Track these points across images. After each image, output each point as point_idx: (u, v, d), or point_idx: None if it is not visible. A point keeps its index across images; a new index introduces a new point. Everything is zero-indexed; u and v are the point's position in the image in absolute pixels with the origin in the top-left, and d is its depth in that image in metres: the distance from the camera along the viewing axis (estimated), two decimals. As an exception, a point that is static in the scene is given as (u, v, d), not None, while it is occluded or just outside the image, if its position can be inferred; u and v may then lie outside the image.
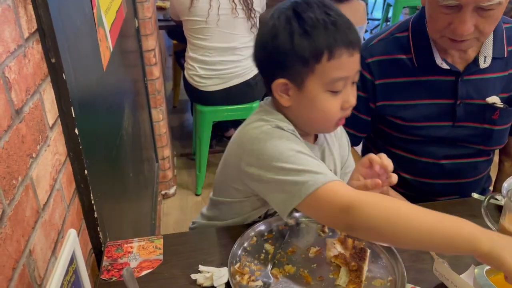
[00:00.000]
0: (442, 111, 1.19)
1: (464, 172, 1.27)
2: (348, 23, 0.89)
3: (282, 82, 0.90)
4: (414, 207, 0.79)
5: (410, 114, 1.20)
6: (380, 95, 1.21)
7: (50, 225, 0.81)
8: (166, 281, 0.89)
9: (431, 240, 0.75)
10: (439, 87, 1.18)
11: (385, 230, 0.76)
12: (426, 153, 1.24)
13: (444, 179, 1.27)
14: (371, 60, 1.20)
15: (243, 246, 0.94)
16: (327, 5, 0.89)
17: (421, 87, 1.18)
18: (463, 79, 1.16)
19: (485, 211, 1.00)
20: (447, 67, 1.15)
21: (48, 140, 0.82)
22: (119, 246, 0.99)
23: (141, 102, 2.17)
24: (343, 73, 0.88)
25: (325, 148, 1.06)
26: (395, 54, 1.19)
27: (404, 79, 1.19)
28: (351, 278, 0.87)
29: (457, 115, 1.19)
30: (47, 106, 0.83)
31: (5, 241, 0.63)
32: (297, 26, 0.86)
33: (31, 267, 0.72)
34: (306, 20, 0.86)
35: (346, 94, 0.91)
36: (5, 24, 0.67)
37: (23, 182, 0.71)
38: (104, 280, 0.89)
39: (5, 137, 0.65)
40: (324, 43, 0.85)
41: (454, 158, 1.24)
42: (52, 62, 0.83)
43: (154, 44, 2.38)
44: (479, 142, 1.22)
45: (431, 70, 1.17)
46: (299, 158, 0.84)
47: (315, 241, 0.98)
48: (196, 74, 2.50)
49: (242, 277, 0.86)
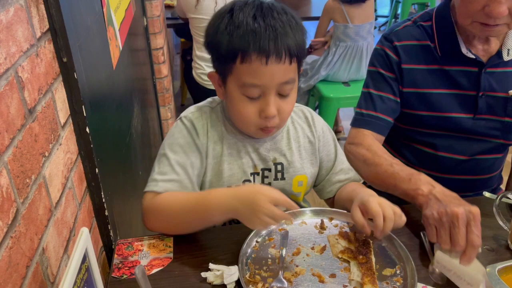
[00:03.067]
0: (463, 102, 1.19)
1: (479, 168, 1.26)
2: (274, 26, 0.86)
3: (213, 74, 0.97)
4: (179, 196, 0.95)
5: (432, 103, 1.20)
6: (406, 80, 1.21)
7: (62, 223, 0.82)
8: (177, 279, 0.89)
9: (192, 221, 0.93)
10: (462, 77, 1.18)
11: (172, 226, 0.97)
12: (444, 147, 1.24)
13: (458, 174, 1.26)
14: (398, 43, 1.21)
15: (247, 254, 0.92)
16: (265, 6, 0.89)
17: (443, 77, 1.19)
18: (486, 71, 1.16)
19: (496, 210, 0.99)
20: (472, 56, 1.14)
21: (60, 139, 0.83)
22: (130, 244, 0.99)
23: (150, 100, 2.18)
24: (255, 80, 0.89)
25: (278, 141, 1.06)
26: (421, 40, 1.20)
27: (428, 66, 1.20)
28: (364, 271, 0.87)
29: (479, 107, 1.18)
30: (59, 105, 0.83)
31: (19, 239, 0.64)
32: (224, 23, 0.89)
33: (44, 265, 0.73)
34: (234, 19, 0.88)
35: (265, 103, 0.91)
36: (18, 24, 0.68)
37: (36, 180, 0.71)
38: (115, 278, 0.90)
39: (18, 136, 0.66)
40: (238, 45, 0.87)
41: (472, 153, 1.24)
42: (64, 61, 0.83)
43: (163, 42, 2.38)
44: (499, 136, 1.22)
45: (455, 59, 1.17)
46: (160, 160, 1.00)
47: (316, 239, 0.98)
48: (203, 72, 2.50)
49: (256, 286, 0.85)
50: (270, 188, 0.87)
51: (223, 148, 1.02)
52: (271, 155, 1.05)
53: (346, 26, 2.77)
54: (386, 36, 1.25)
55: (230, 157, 1.02)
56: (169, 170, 0.98)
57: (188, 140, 1.00)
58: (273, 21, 0.87)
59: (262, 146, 1.04)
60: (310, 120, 1.11)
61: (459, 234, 0.85)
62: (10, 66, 0.64)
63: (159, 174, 0.98)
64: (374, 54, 1.27)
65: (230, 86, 0.93)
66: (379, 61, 1.24)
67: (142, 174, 1.65)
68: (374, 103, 1.22)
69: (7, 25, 0.64)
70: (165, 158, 0.99)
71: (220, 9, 0.94)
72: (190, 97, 3.64)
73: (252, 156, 1.04)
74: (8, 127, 0.63)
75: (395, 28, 1.24)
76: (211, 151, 1.02)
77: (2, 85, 0.62)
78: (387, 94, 1.22)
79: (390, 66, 1.22)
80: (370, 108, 1.22)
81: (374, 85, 1.24)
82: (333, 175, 1.12)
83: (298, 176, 1.07)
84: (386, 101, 1.22)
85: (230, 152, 1.02)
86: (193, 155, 1.00)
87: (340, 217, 1.03)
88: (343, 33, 2.80)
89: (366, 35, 2.83)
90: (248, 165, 1.04)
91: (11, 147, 0.63)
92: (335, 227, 1.01)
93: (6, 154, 0.62)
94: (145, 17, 2.17)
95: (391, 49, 1.22)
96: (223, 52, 0.89)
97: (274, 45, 0.86)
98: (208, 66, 2.48)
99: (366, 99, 1.25)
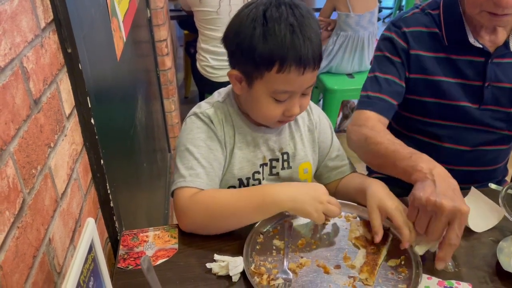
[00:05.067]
0: (469, 92, 1.18)
1: (484, 160, 1.26)
2: (310, 37, 0.88)
3: (236, 74, 0.95)
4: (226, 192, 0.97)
5: (438, 90, 1.19)
6: (414, 66, 1.20)
7: (68, 214, 0.82)
8: (182, 269, 0.90)
9: (244, 216, 0.93)
10: (468, 67, 1.17)
11: (210, 226, 0.95)
12: (449, 137, 1.23)
13: (463, 166, 1.26)
14: (407, 29, 1.20)
15: (251, 246, 0.93)
16: (297, 13, 0.89)
17: (449, 65, 1.18)
18: (492, 61, 1.16)
19: (502, 202, 0.99)
20: (479, 46, 1.14)
21: (65, 130, 0.83)
22: (135, 235, 1.00)
23: (154, 92, 2.18)
24: (289, 88, 0.91)
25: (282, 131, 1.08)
26: (429, 27, 1.20)
27: (435, 54, 1.19)
28: (367, 260, 0.88)
29: (484, 98, 1.18)
30: (64, 96, 0.83)
31: (25, 229, 0.64)
32: (259, 30, 0.88)
33: (50, 255, 0.73)
34: (270, 26, 0.87)
35: (291, 104, 0.95)
36: (22, 14, 0.68)
37: (42, 171, 0.71)
38: (120, 269, 0.90)
39: (24, 126, 0.66)
40: (278, 55, 0.87)
41: (477, 144, 1.23)
42: (68, 52, 0.83)
43: (166, 34, 2.37)
44: (504, 127, 1.21)
45: (461, 48, 1.16)
46: (183, 156, 0.98)
47: (321, 230, 0.98)
48: (208, 65, 2.50)
49: (261, 277, 0.85)
50: None
51: (235, 141, 1.03)
52: (277, 146, 1.07)
53: (348, 15, 2.76)
54: (394, 22, 1.24)
55: (241, 150, 1.04)
56: (195, 164, 0.96)
57: (210, 135, 1.00)
58: (308, 31, 0.88)
59: (270, 138, 1.06)
60: (309, 109, 1.13)
61: (436, 227, 0.83)
62: (15, 57, 0.64)
63: (186, 170, 0.96)
64: (381, 40, 1.26)
65: (257, 88, 0.93)
66: (386, 46, 1.23)
67: (147, 166, 1.65)
68: (380, 85, 1.21)
69: (12, 15, 0.64)
70: (188, 153, 0.98)
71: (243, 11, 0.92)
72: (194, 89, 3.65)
73: (262, 148, 1.06)
74: (13, 118, 0.63)
75: (404, 15, 1.24)
76: (228, 145, 1.03)
77: (8, 75, 0.62)
78: (392, 77, 1.21)
79: (397, 51, 1.21)
80: (375, 90, 1.22)
81: (380, 69, 1.23)
82: (330, 161, 1.15)
83: (303, 164, 1.10)
84: (392, 84, 1.21)
85: (241, 145, 1.04)
86: (215, 149, 1.00)
87: (344, 208, 1.03)
88: (344, 22, 2.79)
89: (366, 25, 2.82)
90: (257, 157, 1.06)
91: (17, 137, 0.63)
92: (339, 218, 1.01)
93: (12, 145, 0.62)
94: (148, 8, 2.16)
95: (399, 35, 1.21)
96: (257, 59, 0.89)
97: (312, 56, 0.89)
98: (213, 59, 2.48)
99: (372, 82, 1.24)
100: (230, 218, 0.93)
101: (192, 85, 3.57)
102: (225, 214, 0.92)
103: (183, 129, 1.03)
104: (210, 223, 0.94)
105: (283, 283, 0.83)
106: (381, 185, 0.98)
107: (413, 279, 0.85)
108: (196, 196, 0.93)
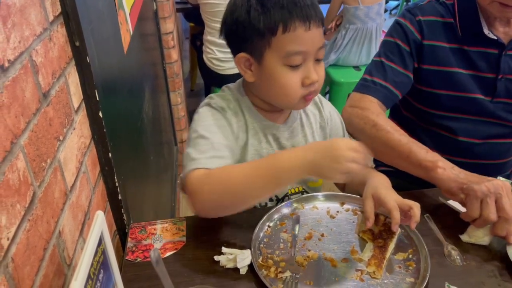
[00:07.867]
0: (482, 84, 1.17)
1: (495, 153, 1.25)
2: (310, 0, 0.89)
3: (243, 56, 0.93)
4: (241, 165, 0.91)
5: (451, 82, 1.18)
6: (427, 57, 1.19)
7: (77, 207, 0.83)
8: (190, 262, 0.90)
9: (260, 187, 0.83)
10: (482, 59, 1.16)
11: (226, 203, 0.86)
12: (463, 131, 1.22)
13: (473, 158, 1.25)
14: (423, 18, 1.19)
15: (259, 239, 0.93)
16: None
17: (463, 57, 1.17)
18: (506, 53, 1.15)
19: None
20: (494, 37, 1.13)
21: (73, 123, 0.83)
22: (143, 228, 1.00)
23: (160, 85, 2.18)
24: (299, 47, 0.89)
25: (295, 129, 1.06)
26: (445, 17, 1.18)
27: (449, 44, 1.18)
28: (374, 254, 0.88)
29: (497, 90, 1.17)
30: (72, 90, 0.83)
31: (36, 222, 0.65)
32: (253, 2, 0.88)
33: (60, 248, 0.74)
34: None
35: (307, 70, 0.91)
36: (31, 7, 0.68)
37: (52, 164, 0.72)
38: (129, 261, 0.91)
39: (34, 120, 0.66)
40: (279, 16, 0.87)
41: (489, 136, 1.22)
42: (76, 45, 0.83)
43: (172, 27, 2.37)
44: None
45: (475, 40, 1.15)
46: (196, 142, 0.92)
47: (328, 223, 0.98)
48: (214, 57, 2.49)
49: (269, 270, 0.85)
50: (345, 138, 0.88)
51: (247, 137, 1.01)
52: (289, 143, 1.05)
53: (357, 8, 2.74)
54: (409, 9, 1.22)
55: (253, 146, 1.02)
56: (209, 148, 0.91)
57: (223, 123, 0.96)
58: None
59: (282, 135, 1.04)
60: (319, 105, 1.11)
61: (508, 204, 0.88)
62: (24, 50, 0.64)
63: (199, 153, 0.90)
64: (394, 25, 1.24)
65: (268, 60, 0.90)
66: (398, 33, 1.22)
67: (154, 159, 1.65)
68: (385, 72, 1.20)
69: (21, 8, 0.64)
70: (201, 139, 0.92)
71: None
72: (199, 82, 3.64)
73: (273, 145, 1.04)
74: (23, 111, 0.63)
75: (420, 3, 1.22)
76: (240, 141, 1.00)
77: (17, 68, 0.62)
78: (398, 67, 1.20)
79: (408, 40, 1.20)
80: (380, 77, 1.20)
81: (387, 56, 1.22)
82: None
83: None
84: (397, 74, 1.20)
85: (253, 142, 1.01)
86: (229, 138, 0.96)
87: (351, 202, 1.03)
88: (353, 15, 2.77)
89: (375, 16, 2.80)
90: (269, 153, 1.03)
91: (27, 131, 0.64)
92: (347, 211, 1.01)
93: (22, 138, 0.62)
94: (154, 1, 2.16)
95: (413, 23, 1.19)
96: (262, 27, 0.88)
97: (314, 10, 0.88)
98: (219, 51, 2.47)
99: (378, 67, 1.22)
100: (247, 191, 0.85)
101: (198, 78, 3.57)
102: (240, 188, 0.84)
103: (196, 118, 0.99)
104: (225, 199, 0.86)
105: (291, 276, 0.84)
106: (382, 177, 0.98)
107: (421, 272, 0.85)
108: (210, 172, 0.86)
